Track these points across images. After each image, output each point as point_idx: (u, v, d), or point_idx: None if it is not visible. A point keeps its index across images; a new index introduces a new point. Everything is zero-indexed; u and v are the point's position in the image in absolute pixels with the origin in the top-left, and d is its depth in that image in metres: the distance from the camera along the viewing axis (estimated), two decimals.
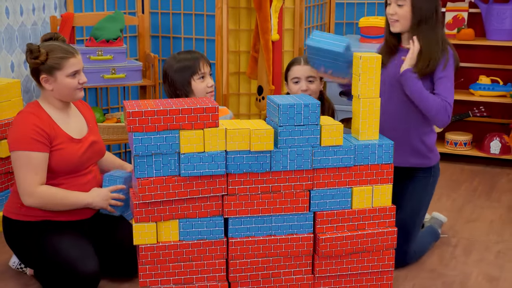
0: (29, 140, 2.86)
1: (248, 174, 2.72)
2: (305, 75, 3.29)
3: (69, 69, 2.93)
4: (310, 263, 2.87)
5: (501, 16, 4.75)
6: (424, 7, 3.07)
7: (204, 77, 3.21)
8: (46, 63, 2.91)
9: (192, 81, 3.19)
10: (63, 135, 2.95)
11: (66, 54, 2.93)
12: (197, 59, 3.20)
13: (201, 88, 3.19)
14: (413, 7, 3.08)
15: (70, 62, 2.93)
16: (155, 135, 2.60)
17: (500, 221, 3.83)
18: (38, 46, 2.92)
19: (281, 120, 2.71)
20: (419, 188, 3.27)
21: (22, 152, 2.87)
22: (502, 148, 4.79)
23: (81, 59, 3.00)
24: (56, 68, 2.92)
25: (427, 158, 3.27)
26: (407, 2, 3.08)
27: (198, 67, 3.19)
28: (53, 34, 3.05)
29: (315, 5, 5.07)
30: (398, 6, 3.10)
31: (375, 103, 2.85)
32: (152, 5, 4.66)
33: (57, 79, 2.93)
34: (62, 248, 2.88)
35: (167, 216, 2.70)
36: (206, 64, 3.23)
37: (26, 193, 2.88)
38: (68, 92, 2.97)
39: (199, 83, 3.20)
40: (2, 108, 3.59)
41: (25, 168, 2.87)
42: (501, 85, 4.81)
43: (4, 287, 3.02)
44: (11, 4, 3.90)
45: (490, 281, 3.11)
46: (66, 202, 2.93)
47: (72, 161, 2.95)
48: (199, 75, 3.19)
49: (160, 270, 2.73)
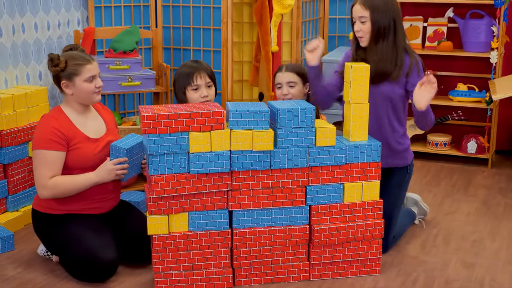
0: (46, 140, 2.85)
1: (250, 171, 2.71)
2: (286, 81, 3.26)
3: (86, 74, 2.91)
4: (306, 251, 2.86)
5: (476, 30, 4.74)
6: (382, 21, 3.06)
7: (198, 88, 3.14)
8: (66, 70, 2.90)
9: (187, 91, 3.15)
10: (80, 135, 2.93)
11: (83, 61, 2.92)
12: (192, 73, 3.13)
13: (195, 99, 3.13)
14: (372, 22, 3.07)
15: (86, 68, 2.92)
16: (167, 136, 2.59)
17: (475, 214, 3.82)
18: (58, 55, 2.91)
19: (280, 123, 2.70)
20: (396, 184, 3.25)
21: (40, 151, 2.86)
22: (478, 148, 4.77)
23: (97, 65, 2.98)
24: (74, 74, 2.90)
25: (404, 158, 3.25)
26: (368, 19, 3.08)
27: (192, 80, 3.12)
28: (73, 45, 3.04)
29: (311, 20, 5.06)
30: (361, 23, 3.10)
31: (364, 108, 2.84)
32: (164, 20, 4.65)
33: (76, 84, 2.91)
34: (83, 238, 2.86)
35: (178, 209, 2.68)
36: (202, 77, 3.14)
37: (40, 186, 2.87)
38: (86, 96, 2.95)
39: (193, 93, 3.14)
40: (30, 113, 3.59)
41: (41, 164, 2.85)
42: (477, 92, 4.80)
43: (32, 272, 3.01)
44: (40, 20, 3.89)
45: (467, 267, 3.10)
46: (75, 186, 2.87)
47: (88, 158, 2.92)
48: (192, 86, 3.13)
49: (171, 258, 2.72)
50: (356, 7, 3.11)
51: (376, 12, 3.06)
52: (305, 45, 4.94)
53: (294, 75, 3.26)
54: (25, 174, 3.57)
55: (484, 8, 4.80)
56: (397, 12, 3.11)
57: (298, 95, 3.29)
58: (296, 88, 3.28)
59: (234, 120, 2.65)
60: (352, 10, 3.14)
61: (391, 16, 3.08)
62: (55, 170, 2.87)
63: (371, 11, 3.06)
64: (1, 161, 3.43)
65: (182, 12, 4.60)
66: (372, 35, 3.09)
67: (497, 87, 4.38)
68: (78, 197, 2.94)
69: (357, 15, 3.10)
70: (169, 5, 4.60)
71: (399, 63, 3.09)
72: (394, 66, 3.08)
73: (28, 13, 3.80)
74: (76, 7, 4.20)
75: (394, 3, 3.12)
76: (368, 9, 3.07)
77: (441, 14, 4.98)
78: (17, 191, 3.54)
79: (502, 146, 5.06)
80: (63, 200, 2.94)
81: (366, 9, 3.07)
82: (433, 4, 4.93)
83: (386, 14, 3.07)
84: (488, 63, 4.76)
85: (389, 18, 3.08)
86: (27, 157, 3.57)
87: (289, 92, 3.28)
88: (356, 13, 3.11)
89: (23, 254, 3.21)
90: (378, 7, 3.06)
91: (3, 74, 3.66)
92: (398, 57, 3.09)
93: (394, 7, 3.10)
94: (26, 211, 3.53)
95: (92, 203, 2.98)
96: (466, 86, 4.84)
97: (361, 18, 3.09)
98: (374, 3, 3.07)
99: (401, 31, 3.12)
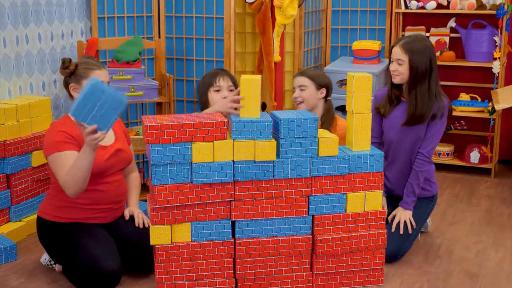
0: (57, 144, 2.86)
1: (253, 181, 2.71)
2: (297, 84, 3.46)
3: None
4: (309, 261, 2.85)
5: (478, 40, 4.75)
6: (419, 65, 3.19)
7: (220, 90, 3.22)
8: (75, 73, 2.94)
9: (209, 92, 3.23)
10: None
11: (92, 66, 2.96)
12: (217, 74, 3.25)
13: (216, 99, 3.19)
14: (411, 65, 3.20)
15: (95, 72, 2.94)
16: (170, 146, 2.59)
17: (478, 224, 3.81)
18: (70, 59, 2.98)
19: (282, 133, 2.70)
20: (421, 210, 3.38)
21: (53, 155, 2.86)
22: (480, 158, 4.76)
23: (107, 74, 3.00)
24: (83, 77, 2.93)
25: (428, 190, 3.41)
26: (405, 62, 3.21)
27: (215, 80, 3.22)
28: (88, 57, 3.13)
29: (313, 30, 5.07)
30: (398, 65, 3.23)
31: (367, 118, 2.84)
32: (167, 30, 4.66)
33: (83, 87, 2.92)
34: (88, 247, 2.86)
35: (181, 219, 2.68)
36: (225, 79, 3.24)
37: (65, 187, 2.83)
38: None
39: (214, 94, 3.22)
40: (34, 123, 3.60)
41: (58, 167, 2.84)
42: (479, 102, 4.80)
43: (35, 282, 3.01)
44: (43, 31, 3.91)
45: (471, 278, 3.09)
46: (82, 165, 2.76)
47: (96, 165, 2.91)
48: (215, 87, 3.22)
49: (174, 268, 2.71)
50: (396, 50, 3.25)
51: (415, 56, 3.19)
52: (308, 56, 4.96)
53: (305, 79, 3.44)
54: (28, 184, 3.58)
55: (486, 18, 4.81)
56: (434, 57, 3.24)
57: (309, 98, 3.44)
58: (307, 91, 3.43)
59: (237, 131, 2.65)
60: (391, 51, 3.29)
61: (428, 61, 3.21)
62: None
63: (410, 55, 3.20)
64: (5, 171, 3.44)
65: (185, 23, 4.62)
66: (409, 78, 3.23)
67: (499, 97, 4.38)
68: (84, 206, 2.94)
69: (396, 57, 3.25)
70: (172, 15, 4.62)
71: (431, 107, 3.22)
72: (429, 110, 3.22)
73: (32, 24, 3.82)
74: (79, 18, 4.22)
75: (432, 48, 3.25)
76: (408, 53, 3.20)
77: (443, 24, 4.99)
78: (20, 201, 3.54)
79: (505, 156, 5.05)
80: (69, 209, 2.95)
81: (406, 53, 3.21)
82: (436, 14, 4.94)
83: (424, 58, 3.20)
84: (490, 73, 4.76)
85: (426, 62, 3.20)
86: (30, 167, 3.58)
87: (299, 95, 3.45)
88: (395, 55, 3.25)
89: (25, 264, 3.21)
90: (417, 51, 3.20)
91: (7, 84, 3.67)
92: (431, 101, 3.22)
93: (431, 52, 3.23)
94: (29, 221, 3.53)
95: (97, 212, 2.99)
96: (469, 96, 4.84)
97: (399, 60, 3.23)
98: (414, 47, 3.21)
99: (435, 75, 3.25)
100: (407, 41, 3.23)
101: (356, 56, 4.86)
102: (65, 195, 2.92)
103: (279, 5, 4.28)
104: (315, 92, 3.43)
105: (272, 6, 4.35)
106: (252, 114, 2.68)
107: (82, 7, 4.24)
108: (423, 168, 3.29)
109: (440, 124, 3.28)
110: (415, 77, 3.21)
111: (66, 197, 2.93)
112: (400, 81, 3.26)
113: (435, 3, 4.78)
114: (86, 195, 2.94)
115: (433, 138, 3.29)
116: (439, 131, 3.29)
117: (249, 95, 2.67)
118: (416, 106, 3.21)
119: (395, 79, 3.26)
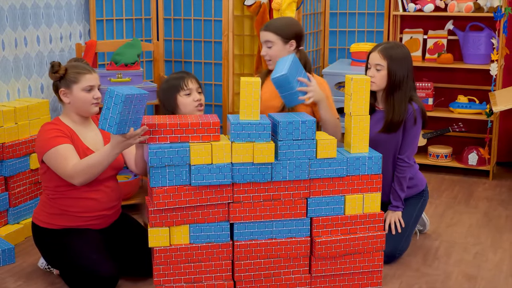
0: (51, 140, 2.82)
1: (251, 183, 2.70)
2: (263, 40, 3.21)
3: (84, 83, 2.90)
4: (307, 263, 2.84)
5: (476, 43, 4.75)
6: (398, 72, 3.16)
7: (191, 93, 3.08)
8: (65, 77, 2.90)
9: (179, 97, 3.07)
10: (80, 145, 2.92)
11: (82, 70, 2.92)
12: (183, 78, 3.09)
13: (188, 103, 3.07)
14: (389, 71, 3.16)
15: (86, 77, 2.91)
16: (168, 148, 2.58)
17: (477, 226, 3.80)
18: (59, 63, 2.92)
19: (280, 135, 2.69)
20: (411, 208, 3.38)
21: (50, 151, 2.82)
22: (478, 160, 4.76)
23: (97, 78, 2.96)
24: (73, 82, 2.90)
25: (415, 187, 3.41)
26: (384, 68, 3.17)
27: (184, 84, 3.07)
28: (77, 59, 3.05)
29: (311, 33, 5.07)
30: (376, 71, 3.19)
31: (365, 120, 2.84)
32: (166, 33, 4.66)
33: (73, 92, 2.90)
34: (83, 253, 2.83)
35: (179, 221, 2.67)
36: (192, 82, 3.10)
37: (68, 177, 2.80)
38: (83, 106, 2.92)
39: (186, 98, 3.07)
40: (32, 126, 3.59)
41: (57, 161, 2.81)
42: (477, 104, 4.80)
43: (33, 285, 3.00)
44: (42, 33, 3.90)
45: (469, 280, 3.08)
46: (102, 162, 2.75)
47: None
48: (185, 91, 3.07)
49: (172, 270, 2.70)
50: (374, 55, 3.20)
51: (394, 63, 3.16)
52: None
53: (270, 34, 3.15)
54: (26, 187, 3.57)
55: (484, 20, 4.81)
56: (411, 64, 3.22)
57: (278, 55, 3.16)
58: (274, 48, 3.17)
59: (235, 133, 2.64)
60: (369, 56, 3.23)
61: (406, 68, 3.18)
62: (72, 159, 2.80)
63: (389, 61, 3.16)
64: (3, 173, 3.43)
65: (184, 25, 4.62)
66: (387, 84, 3.19)
67: (497, 99, 4.38)
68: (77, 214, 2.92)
69: (374, 62, 3.20)
70: (170, 18, 4.61)
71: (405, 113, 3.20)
72: (404, 116, 3.20)
73: (30, 27, 3.81)
74: (78, 20, 4.21)
75: (409, 55, 3.23)
76: (386, 59, 3.16)
77: (441, 26, 4.99)
78: (18, 203, 3.53)
79: (503, 158, 5.05)
80: (61, 217, 2.92)
81: (384, 59, 3.17)
82: (433, 16, 4.94)
83: (403, 65, 3.17)
84: (488, 75, 4.76)
85: (404, 69, 3.18)
86: (29, 170, 3.57)
87: (266, 53, 3.20)
88: (373, 61, 3.21)
89: (23, 267, 3.20)
90: (396, 57, 3.17)
91: (5, 87, 3.67)
92: (406, 107, 3.20)
93: (409, 59, 3.21)
94: (27, 224, 3.52)
95: (91, 220, 2.96)
96: (467, 98, 4.84)
97: (377, 66, 3.19)
98: (393, 53, 3.17)
99: (412, 82, 3.23)
100: (385, 46, 3.20)
101: (354, 58, 4.86)
102: (56, 202, 2.90)
103: (277, 8, 4.28)
104: (283, 47, 3.16)
105: (270, 8, 4.35)
106: (252, 117, 2.67)
107: (81, 9, 4.23)
108: (404, 174, 3.29)
109: (415, 129, 3.25)
110: (393, 84, 3.17)
111: (57, 204, 2.91)
112: (375, 88, 3.21)
113: (433, 5, 4.78)
114: (78, 203, 2.90)
115: (411, 143, 3.27)
116: (416, 135, 3.28)
117: (249, 98, 2.67)
118: (394, 113, 3.18)
119: (372, 87, 3.18)
